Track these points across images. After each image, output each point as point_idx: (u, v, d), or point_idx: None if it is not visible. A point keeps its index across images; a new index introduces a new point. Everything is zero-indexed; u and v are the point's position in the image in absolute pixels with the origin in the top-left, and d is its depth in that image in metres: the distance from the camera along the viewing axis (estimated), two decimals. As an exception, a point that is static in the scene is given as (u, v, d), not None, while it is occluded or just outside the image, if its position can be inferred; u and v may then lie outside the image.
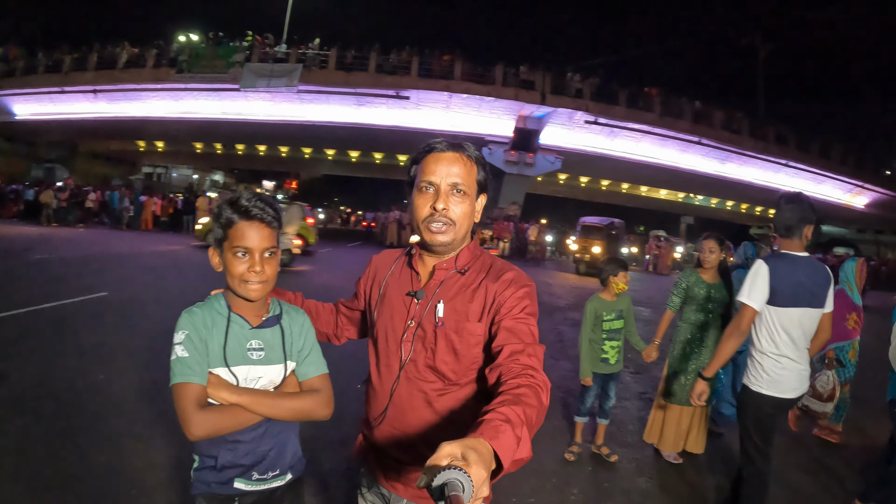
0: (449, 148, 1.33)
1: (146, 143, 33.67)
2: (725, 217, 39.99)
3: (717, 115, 27.02)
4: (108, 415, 3.74)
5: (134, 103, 27.94)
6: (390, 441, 1.36)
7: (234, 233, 1.35)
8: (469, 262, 1.38)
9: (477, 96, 24.09)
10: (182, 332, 1.34)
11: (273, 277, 1.40)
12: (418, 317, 1.34)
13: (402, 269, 1.45)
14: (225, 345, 1.36)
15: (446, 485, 0.71)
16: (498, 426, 0.88)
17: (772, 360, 2.65)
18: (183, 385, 1.30)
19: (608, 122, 25.16)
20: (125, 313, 6.73)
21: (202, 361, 1.33)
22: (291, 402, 1.40)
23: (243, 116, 26.64)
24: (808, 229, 2.64)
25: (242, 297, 1.39)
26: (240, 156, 34.84)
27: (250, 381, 1.39)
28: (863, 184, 31.51)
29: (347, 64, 24.59)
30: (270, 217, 1.37)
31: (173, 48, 26.91)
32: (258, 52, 25.37)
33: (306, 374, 1.47)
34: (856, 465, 4.13)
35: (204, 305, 1.41)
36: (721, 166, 28.58)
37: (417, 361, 1.33)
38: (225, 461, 1.38)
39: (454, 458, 0.75)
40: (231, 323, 1.39)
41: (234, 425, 1.34)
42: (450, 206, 1.30)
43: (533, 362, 1.14)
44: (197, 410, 1.29)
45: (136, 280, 9.37)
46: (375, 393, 1.41)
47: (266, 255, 1.37)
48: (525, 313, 1.27)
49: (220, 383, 1.35)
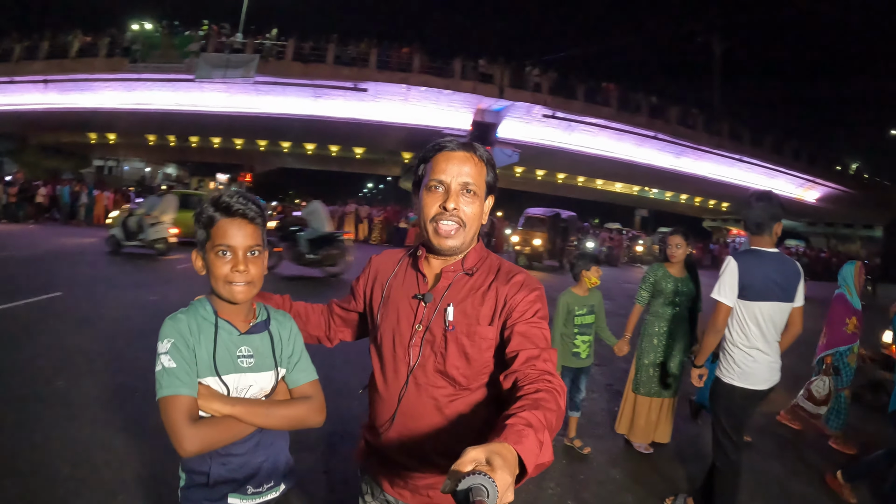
0: (460, 147, 1.31)
1: (97, 135, 32.59)
2: (679, 210, 40.88)
3: (673, 111, 27.61)
4: (72, 423, 3.56)
5: (86, 94, 27.08)
6: (399, 448, 1.32)
7: (216, 231, 1.29)
8: (476, 264, 1.35)
9: (435, 89, 24.06)
10: (167, 340, 1.26)
11: (259, 278, 1.34)
12: (426, 320, 1.31)
13: (406, 271, 1.41)
14: (214, 353, 1.30)
15: (471, 490, 0.69)
16: (521, 430, 0.87)
17: (743, 353, 2.75)
18: (172, 398, 1.22)
19: (566, 117, 25.44)
20: (82, 314, 6.45)
21: (191, 371, 1.26)
22: (285, 411, 1.35)
23: (198, 108, 26.01)
24: (778, 226, 2.75)
25: (227, 300, 1.33)
26: (193, 148, 34.01)
27: (241, 391, 1.33)
28: (815, 179, 32.54)
29: (305, 55, 24.29)
30: (253, 213, 1.31)
31: (127, 37, 26.19)
32: (214, 42, 24.88)
33: (297, 381, 1.42)
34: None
35: (188, 311, 1.34)
36: (676, 160, 29.18)
37: (426, 366, 1.30)
38: (217, 476, 1.31)
39: (479, 462, 0.74)
40: (219, 329, 1.32)
41: (228, 438, 1.28)
42: (460, 206, 1.28)
43: (549, 367, 1.14)
44: (189, 424, 1.21)
45: (91, 278, 9.04)
46: (381, 399, 1.37)
47: (250, 253, 1.31)
48: (538, 317, 1.26)
49: (212, 394, 1.28)
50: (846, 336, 4.30)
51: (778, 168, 30.86)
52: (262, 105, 25.42)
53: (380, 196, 61.36)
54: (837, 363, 4.32)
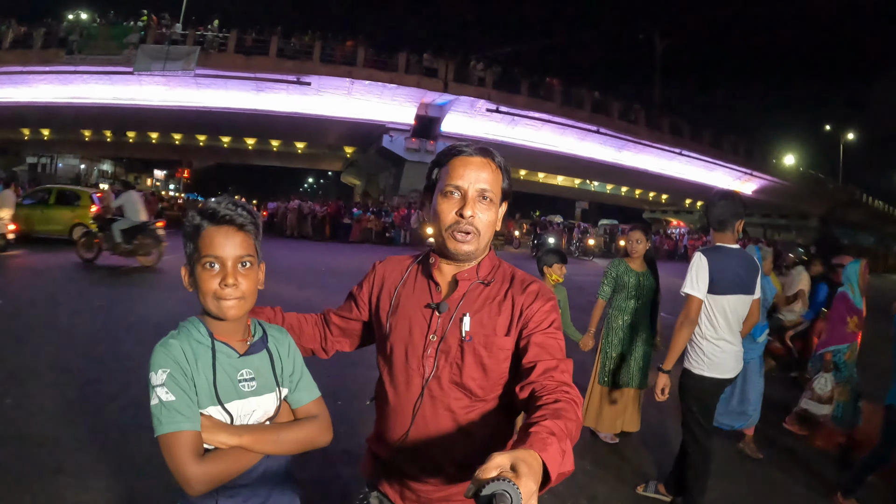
0: (477, 153, 1.28)
1: (31, 130, 31.42)
2: (620, 202, 42.02)
3: (615, 106, 28.43)
4: (28, 447, 3.24)
5: (20, 88, 26.01)
6: (412, 462, 1.29)
7: (203, 242, 1.17)
8: (491, 272, 1.33)
9: (379, 83, 24.22)
10: (161, 370, 1.14)
11: (252, 293, 1.22)
12: (441, 330, 1.27)
13: (416, 279, 1.37)
14: (214, 379, 1.18)
15: (495, 496, 0.69)
16: (545, 439, 0.86)
17: (711, 344, 2.90)
18: (174, 435, 1.11)
19: (510, 111, 25.96)
20: (23, 324, 5.94)
21: (192, 403, 1.14)
22: (295, 434, 1.26)
23: (136, 102, 25.48)
24: (740, 223, 2.92)
25: (218, 318, 1.21)
26: (131, 143, 33.13)
27: (244, 417, 1.23)
28: (751, 171, 33.97)
29: (247, 47, 24.03)
30: (243, 220, 1.19)
31: (63, 28, 25.34)
32: (154, 33, 24.28)
33: (301, 401, 1.33)
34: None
35: (180, 335, 1.20)
36: (618, 154, 30.05)
37: (442, 378, 1.27)
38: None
39: (503, 469, 0.73)
40: (217, 353, 1.21)
41: (237, 470, 1.18)
42: (477, 213, 1.25)
43: (566, 378, 1.14)
44: (195, 462, 1.11)
45: (29, 284, 8.47)
46: (394, 412, 1.32)
47: (241, 266, 1.19)
48: (554, 327, 1.25)
49: (216, 425, 1.17)
50: (846, 334, 4.29)
51: (716, 161, 32.09)
52: (203, 99, 25.09)
53: (321, 192, 60.41)
54: (837, 360, 4.30)
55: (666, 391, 2.88)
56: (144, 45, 23.80)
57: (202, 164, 33.71)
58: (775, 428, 4.54)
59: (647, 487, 3.38)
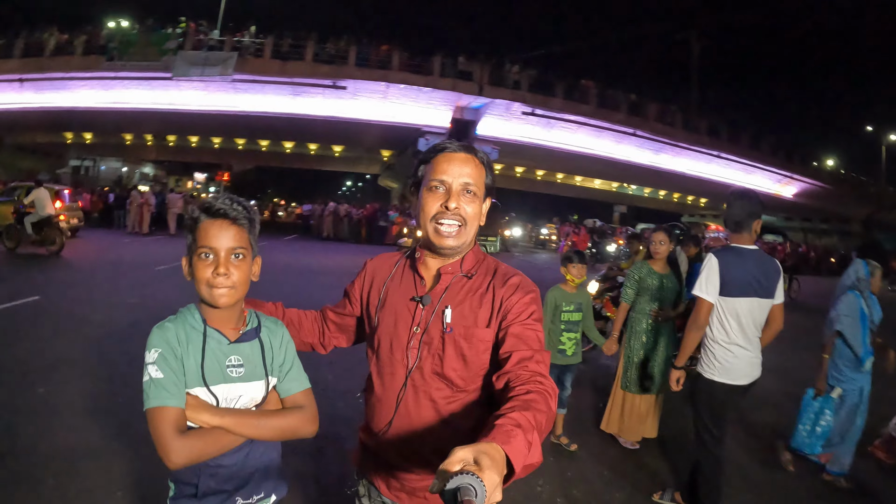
0: (460, 149, 1.33)
1: (74, 134, 32.13)
2: (658, 206, 41.29)
3: (652, 108, 27.87)
4: (55, 432, 3.47)
5: (62, 93, 26.70)
6: (396, 450, 1.33)
7: (199, 233, 1.26)
8: (474, 266, 1.36)
9: (415, 87, 24.06)
10: (154, 350, 1.23)
11: (243, 282, 1.29)
12: (424, 323, 1.32)
13: (403, 273, 1.42)
14: (202, 362, 1.26)
15: (459, 490, 0.69)
16: (510, 431, 0.87)
17: (723, 349, 2.79)
18: (159, 409, 1.19)
19: (545, 114, 25.58)
20: (61, 319, 6.31)
21: (179, 382, 1.23)
22: (276, 422, 1.32)
23: (175, 106, 25.78)
24: (757, 224, 2.79)
25: (211, 305, 1.29)
26: (171, 147, 33.73)
27: (230, 401, 1.30)
28: (791, 174, 33.06)
29: (283, 53, 24.13)
30: (237, 214, 1.27)
31: (104, 35, 25.87)
32: (192, 39, 24.60)
33: (289, 391, 1.38)
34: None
35: (176, 320, 1.30)
36: (655, 157, 29.47)
37: (424, 369, 1.31)
38: (206, 488, 1.28)
39: (467, 462, 0.74)
40: (207, 338, 1.29)
41: (217, 450, 1.24)
42: (461, 205, 1.29)
43: (541, 369, 1.15)
44: (176, 436, 1.18)
45: (69, 281, 8.89)
46: (379, 402, 1.37)
47: (234, 257, 1.27)
48: (532, 319, 1.27)
49: (200, 405, 1.25)
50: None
51: (755, 164, 31.29)
52: (241, 103, 25.26)
53: (359, 194, 60.94)
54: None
55: (681, 382, 2.91)
56: (183, 52, 24.14)
57: (241, 167, 34.19)
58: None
59: (664, 495, 3.27)
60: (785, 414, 4.59)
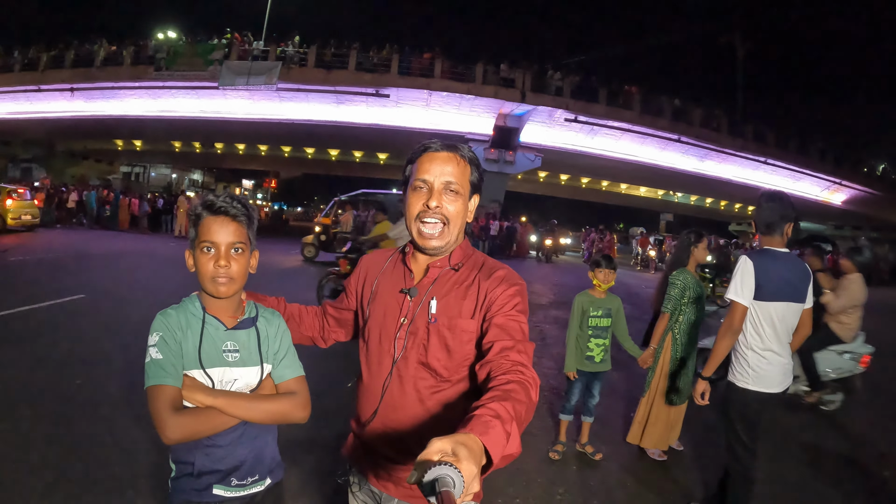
0: (443, 148, 1.35)
1: (124, 141, 33.20)
2: (704, 214, 40.22)
3: (697, 113, 27.19)
4: (86, 420, 3.68)
5: (111, 102, 27.59)
6: (382, 439, 1.35)
7: (202, 228, 1.35)
8: (461, 260, 1.38)
9: (457, 94, 24.03)
10: (156, 334, 1.33)
11: (241, 274, 1.38)
12: (411, 314, 1.34)
13: (394, 267, 1.45)
14: (200, 346, 1.35)
15: (437, 480, 0.71)
16: (488, 422, 0.88)
17: (756, 355, 2.70)
18: (157, 388, 1.28)
19: (588, 120, 25.20)
20: (102, 316, 6.66)
21: (177, 363, 1.32)
22: (268, 405, 1.38)
23: (222, 115, 26.35)
24: (789, 226, 2.71)
25: (211, 295, 1.38)
26: (219, 154, 34.49)
27: (226, 384, 1.37)
28: (841, 181, 31.89)
29: (327, 62, 24.43)
30: (236, 211, 1.36)
31: (151, 46, 26.61)
32: (237, 49, 25.16)
33: (282, 377, 1.45)
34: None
35: (178, 307, 1.40)
36: (700, 164, 28.80)
37: (409, 358, 1.33)
38: (202, 466, 1.36)
39: (444, 453, 0.75)
40: (205, 324, 1.38)
41: (209, 429, 1.31)
42: (443, 203, 1.31)
43: (523, 359, 1.15)
44: (172, 413, 1.26)
45: (113, 282, 9.27)
46: (367, 391, 1.40)
47: (233, 251, 1.36)
48: (516, 311, 1.27)
49: (195, 385, 1.33)
50: None
51: (803, 170, 30.33)
52: (285, 111, 25.64)
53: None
54: None
55: (706, 396, 2.80)
56: (229, 62, 24.70)
57: (288, 174, 34.69)
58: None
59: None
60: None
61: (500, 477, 3.37)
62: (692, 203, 38.17)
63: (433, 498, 0.70)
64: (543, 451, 3.86)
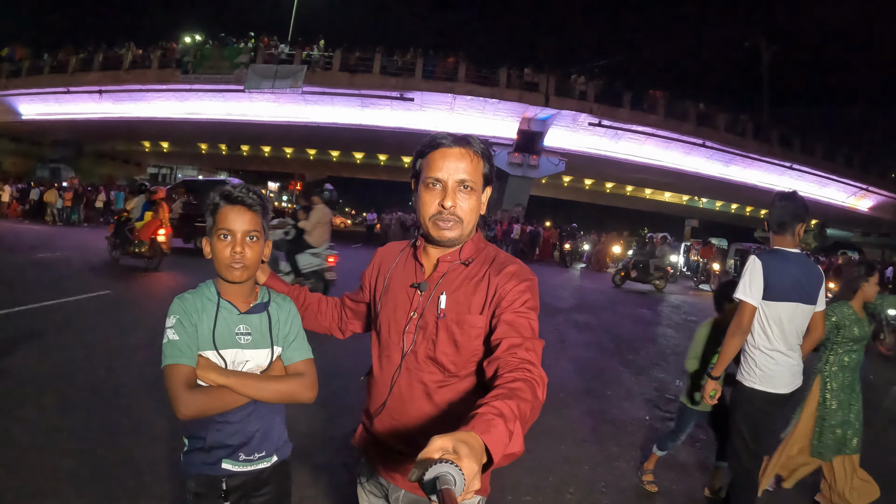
0: (455, 143, 1.31)
1: (151, 143, 33.75)
2: (729, 220, 39.81)
3: (721, 118, 26.96)
4: (108, 409, 3.81)
5: (139, 104, 28.09)
6: (390, 432, 1.37)
7: (219, 217, 1.41)
8: (473, 254, 1.37)
9: (481, 98, 24.14)
10: (173, 316, 1.40)
11: (255, 261, 1.44)
12: (421, 308, 1.34)
13: (406, 261, 1.45)
14: (214, 328, 1.41)
15: (438, 478, 0.71)
16: (490, 420, 0.88)
17: (764, 355, 2.68)
18: (173, 366, 1.36)
19: (612, 125, 25.14)
20: (127, 311, 6.87)
21: (192, 344, 1.38)
22: (277, 385, 1.45)
23: (248, 117, 26.70)
24: (801, 227, 2.67)
25: (226, 280, 1.44)
26: (244, 156, 34.92)
27: (238, 365, 1.44)
28: (868, 187, 31.37)
29: (352, 65, 24.65)
30: (252, 201, 1.42)
31: (178, 49, 27.05)
32: (263, 53, 25.45)
33: (291, 359, 1.51)
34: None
35: (195, 292, 1.47)
36: (725, 169, 28.52)
37: (418, 352, 1.34)
38: (213, 441, 1.43)
39: (446, 451, 0.75)
40: (220, 308, 1.44)
41: (221, 406, 1.38)
42: (458, 202, 1.30)
43: (531, 357, 1.14)
44: (186, 391, 1.33)
45: (139, 279, 9.46)
46: (376, 384, 1.42)
47: (248, 238, 1.42)
48: (526, 307, 1.26)
49: (209, 365, 1.40)
50: None
51: (829, 176, 29.88)
52: (311, 114, 25.90)
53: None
54: None
55: (716, 396, 2.74)
56: (254, 65, 24.99)
57: (313, 176, 34.97)
58: None
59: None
60: None
61: (513, 474, 3.37)
62: (717, 209, 37.78)
63: (434, 496, 0.70)
64: (557, 450, 3.85)
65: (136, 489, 2.84)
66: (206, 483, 1.45)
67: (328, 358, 1.63)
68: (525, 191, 26.99)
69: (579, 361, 6.58)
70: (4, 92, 29.11)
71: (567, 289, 14.51)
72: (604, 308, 11.66)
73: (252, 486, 1.50)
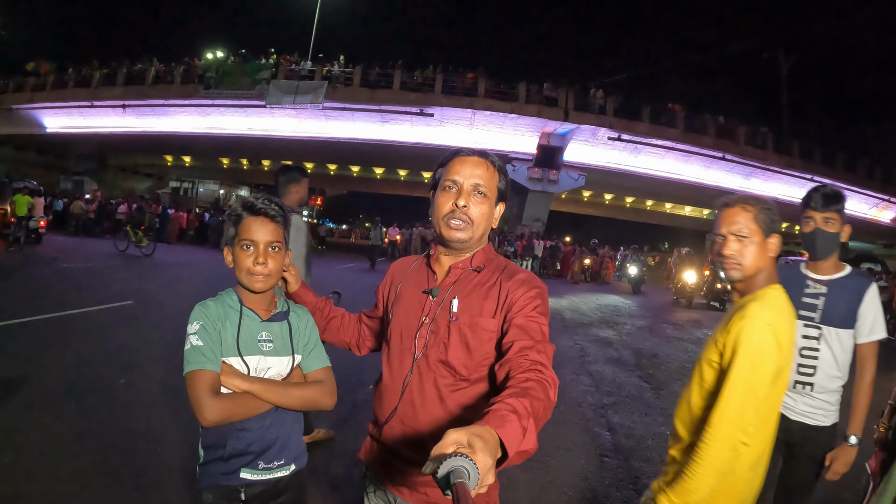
0: (474, 153, 1.40)
1: (173, 157, 34.19)
2: (751, 234, 38.97)
3: (741, 131, 26.79)
4: (127, 417, 3.86)
5: (161, 118, 28.53)
6: (400, 439, 1.37)
7: (242, 227, 1.45)
8: (484, 262, 1.41)
9: (500, 113, 24.20)
10: (196, 322, 1.42)
11: (277, 271, 1.48)
12: (433, 313, 1.37)
13: (419, 270, 1.49)
14: (238, 335, 1.44)
15: (452, 472, 0.71)
16: (505, 416, 0.89)
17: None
18: (197, 372, 1.37)
19: (632, 139, 25.10)
20: (149, 321, 6.95)
21: (216, 350, 1.40)
22: (299, 392, 1.48)
23: (269, 133, 27.01)
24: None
25: (248, 289, 1.47)
26: (266, 171, 35.17)
27: (260, 372, 1.46)
28: (890, 198, 31.00)
29: (372, 81, 24.90)
30: (274, 213, 1.46)
31: (201, 65, 27.46)
32: (284, 69, 25.78)
33: (311, 367, 1.55)
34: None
35: (216, 300, 1.50)
36: (745, 182, 28.30)
37: (430, 356, 1.35)
38: (233, 449, 1.43)
39: (460, 445, 0.76)
40: (243, 315, 1.47)
41: (245, 412, 1.40)
42: (470, 204, 1.35)
43: (542, 359, 1.16)
44: (210, 396, 1.35)
45: (161, 290, 9.61)
46: (387, 390, 1.42)
47: (270, 249, 1.45)
48: (536, 312, 1.29)
49: (233, 372, 1.42)
50: None
51: (850, 187, 29.49)
52: (331, 130, 26.12)
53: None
54: None
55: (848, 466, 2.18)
56: (276, 81, 25.32)
57: (334, 192, 35.19)
58: None
59: None
60: None
61: (532, 489, 3.36)
62: (739, 223, 37.08)
63: (448, 490, 0.70)
64: (576, 467, 3.80)
65: (153, 498, 2.88)
66: (224, 494, 1.45)
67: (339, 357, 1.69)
68: (545, 206, 26.98)
69: (600, 375, 6.48)
70: (30, 105, 29.76)
71: (590, 304, 14.29)
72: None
73: (270, 495, 1.50)
